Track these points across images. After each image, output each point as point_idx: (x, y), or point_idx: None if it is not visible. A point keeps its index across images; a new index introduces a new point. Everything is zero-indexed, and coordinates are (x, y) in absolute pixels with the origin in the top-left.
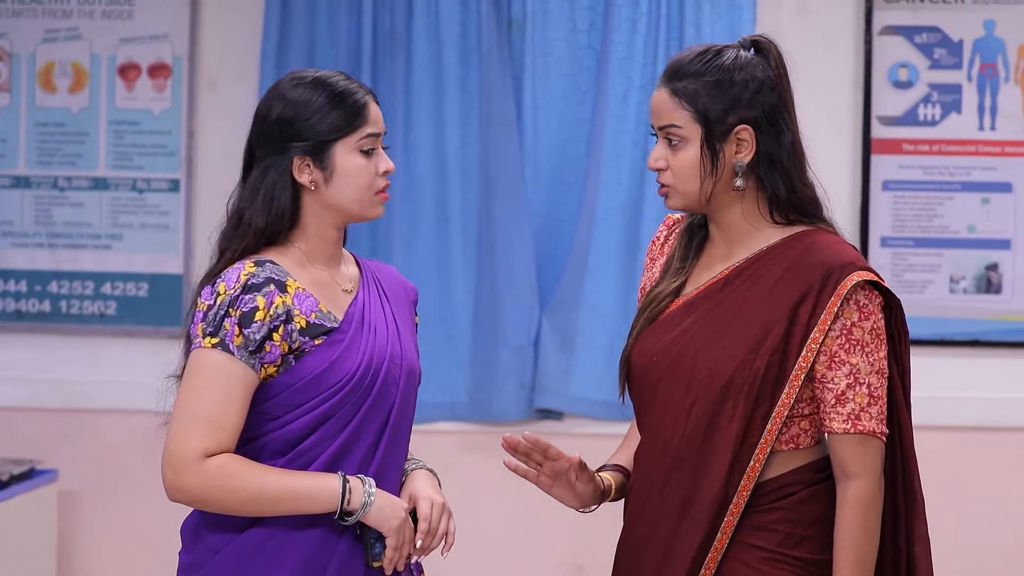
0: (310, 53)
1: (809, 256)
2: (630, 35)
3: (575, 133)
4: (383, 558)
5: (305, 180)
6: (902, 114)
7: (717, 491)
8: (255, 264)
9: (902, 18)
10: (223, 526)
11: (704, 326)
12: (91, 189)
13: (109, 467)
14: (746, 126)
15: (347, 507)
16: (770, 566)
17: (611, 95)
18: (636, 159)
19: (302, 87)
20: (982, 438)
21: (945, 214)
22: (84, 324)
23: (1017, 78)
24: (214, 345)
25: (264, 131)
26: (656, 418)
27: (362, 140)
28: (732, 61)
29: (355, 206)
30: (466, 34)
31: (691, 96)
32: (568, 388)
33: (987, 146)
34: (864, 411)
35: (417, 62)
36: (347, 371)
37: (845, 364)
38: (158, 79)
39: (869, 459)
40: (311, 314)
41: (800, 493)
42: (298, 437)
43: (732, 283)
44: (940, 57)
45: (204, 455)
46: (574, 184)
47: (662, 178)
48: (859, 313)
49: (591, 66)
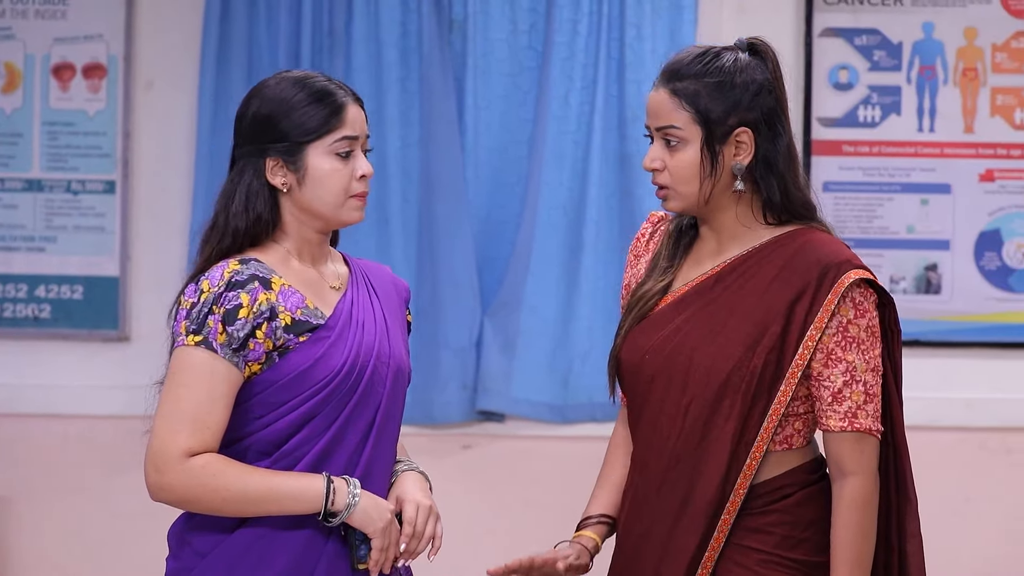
0: (250, 53)
1: (804, 254)
2: (571, 36)
3: (516, 134)
4: (368, 560)
5: (278, 182)
6: (842, 116)
7: (714, 491)
8: (240, 262)
9: (842, 20)
10: (210, 529)
11: (698, 323)
12: (25, 191)
13: (43, 472)
14: (746, 128)
15: (331, 508)
16: (767, 569)
17: (552, 96)
18: (577, 160)
19: (282, 85)
20: (921, 438)
21: (885, 215)
22: (18, 327)
23: (956, 80)
24: (197, 343)
25: (242, 130)
26: (651, 417)
27: (337, 143)
28: (732, 63)
29: (328, 209)
30: (406, 35)
31: (692, 97)
32: (510, 390)
33: (926, 147)
34: (860, 409)
35: (357, 63)
36: (332, 368)
37: (842, 362)
38: (93, 79)
39: (865, 457)
40: (296, 310)
41: (796, 495)
42: (283, 437)
43: (725, 280)
44: (880, 59)
45: (188, 454)
46: (515, 185)
47: (659, 179)
48: (855, 311)
49: (532, 67)
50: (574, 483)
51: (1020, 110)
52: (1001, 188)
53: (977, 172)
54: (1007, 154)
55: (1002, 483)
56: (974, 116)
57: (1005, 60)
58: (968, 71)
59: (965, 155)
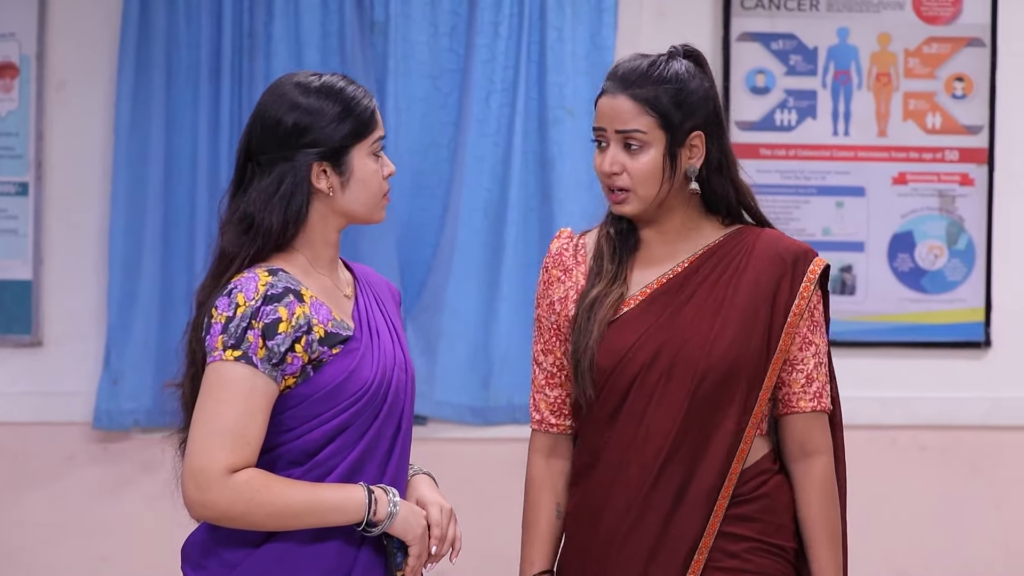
0: (168, 53)
1: (769, 246)
2: (492, 38)
3: (437, 137)
4: (405, 567)
5: (323, 186)
6: (759, 119)
7: (714, 477)
8: (269, 273)
9: (759, 25)
10: (239, 541)
11: (684, 319)
12: None
13: None
14: (699, 132)
15: (373, 518)
16: (757, 556)
17: (474, 98)
18: (498, 162)
19: (314, 94)
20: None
21: (801, 217)
22: None
23: (870, 84)
24: (237, 358)
25: (275, 137)
26: (634, 416)
27: (374, 144)
28: (685, 70)
29: (364, 209)
30: (327, 36)
31: (654, 103)
32: (432, 392)
33: (841, 151)
34: (823, 389)
35: (277, 64)
36: (365, 380)
37: (812, 344)
38: (5, 79)
39: (827, 435)
40: (327, 323)
41: (771, 481)
42: (316, 447)
43: (694, 277)
44: (796, 64)
45: (230, 471)
46: (437, 188)
47: (620, 182)
48: (817, 296)
49: (453, 69)
50: (495, 485)
51: (931, 114)
52: (913, 191)
53: (890, 175)
54: (919, 157)
55: (914, 480)
56: (887, 120)
57: (917, 65)
58: (881, 76)
59: (879, 158)
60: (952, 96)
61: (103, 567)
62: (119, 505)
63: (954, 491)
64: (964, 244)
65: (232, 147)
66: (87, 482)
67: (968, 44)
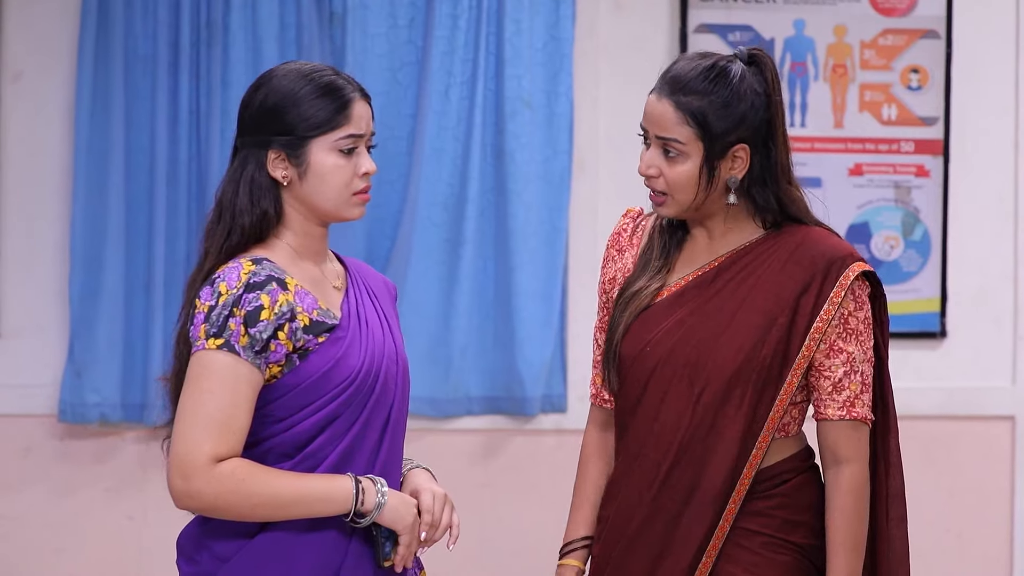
0: (126, 44)
1: (807, 248)
2: (451, 30)
3: (396, 130)
4: (394, 556)
5: (278, 175)
6: None
7: (723, 480)
8: (253, 262)
9: (716, 16)
10: (230, 533)
11: (704, 316)
12: None
13: None
14: (743, 145)
15: (360, 508)
16: (770, 551)
17: (433, 91)
18: (457, 155)
19: (290, 77)
20: None
21: None
22: None
23: (826, 76)
24: (219, 346)
25: (246, 119)
26: (650, 409)
27: (341, 140)
28: (738, 79)
29: (329, 205)
30: (285, 27)
31: (696, 114)
32: None
33: (798, 142)
34: (858, 398)
35: (235, 55)
36: (352, 368)
37: (842, 352)
38: None
39: (860, 444)
40: (312, 311)
41: (793, 480)
42: (306, 439)
43: (725, 274)
44: None
45: (215, 460)
46: (396, 181)
47: (656, 184)
48: (855, 303)
49: (412, 61)
50: (453, 477)
51: (887, 106)
52: (869, 182)
53: (846, 166)
54: (875, 148)
55: None
56: (843, 111)
57: (873, 57)
58: (838, 67)
59: (835, 150)
60: (908, 88)
61: (59, 560)
62: (76, 499)
63: (908, 479)
64: (920, 235)
65: (191, 138)
66: (47, 476)
67: (923, 36)
